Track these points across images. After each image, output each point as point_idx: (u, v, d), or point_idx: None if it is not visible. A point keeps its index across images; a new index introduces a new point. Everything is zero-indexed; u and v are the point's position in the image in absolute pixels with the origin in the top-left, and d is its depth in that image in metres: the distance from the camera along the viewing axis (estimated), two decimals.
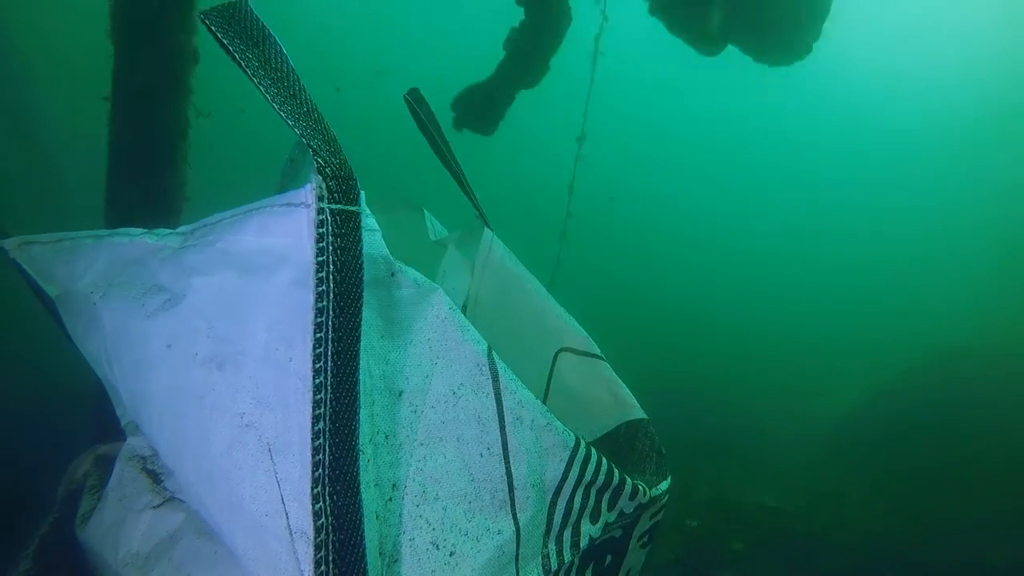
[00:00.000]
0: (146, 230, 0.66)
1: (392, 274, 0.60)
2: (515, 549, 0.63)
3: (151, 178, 2.34)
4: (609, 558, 0.78)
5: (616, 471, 0.72)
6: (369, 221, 0.56)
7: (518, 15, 3.60)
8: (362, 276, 0.53)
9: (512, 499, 0.63)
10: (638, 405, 0.94)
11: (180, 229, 0.64)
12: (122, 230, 0.67)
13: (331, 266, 0.51)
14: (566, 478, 0.67)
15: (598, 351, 0.96)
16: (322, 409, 0.50)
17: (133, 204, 2.30)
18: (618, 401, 0.95)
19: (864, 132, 20.10)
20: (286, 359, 0.53)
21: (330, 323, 0.50)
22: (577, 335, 0.96)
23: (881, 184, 20.06)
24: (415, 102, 0.93)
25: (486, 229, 0.99)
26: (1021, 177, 16.87)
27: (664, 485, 0.83)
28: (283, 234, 0.55)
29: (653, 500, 0.79)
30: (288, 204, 0.54)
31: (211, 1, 0.51)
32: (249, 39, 0.51)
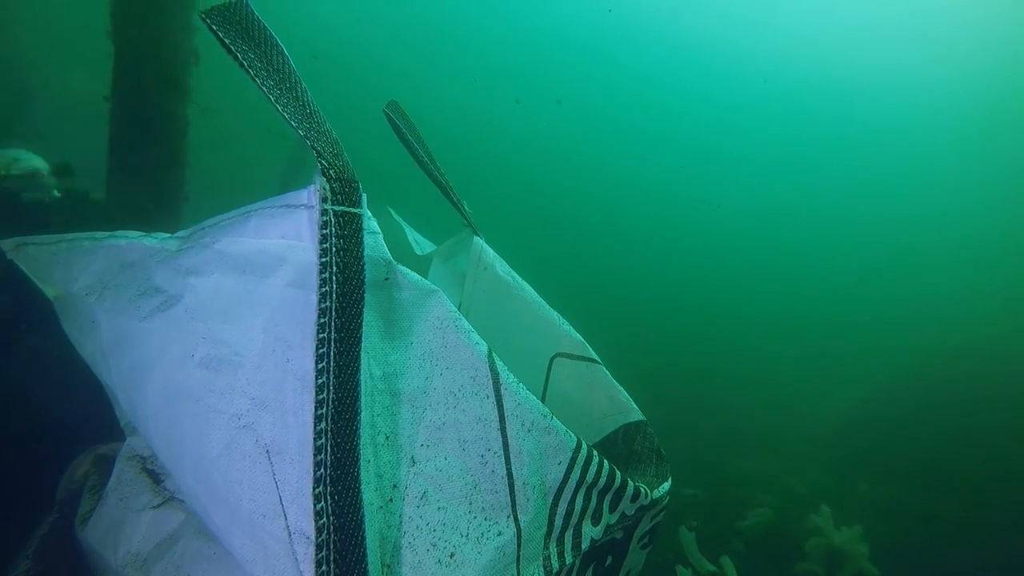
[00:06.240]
0: (144, 233, 0.66)
1: (393, 276, 0.60)
2: (516, 550, 0.63)
3: (151, 178, 2.34)
4: (610, 559, 0.78)
5: (618, 473, 0.72)
6: (371, 223, 0.56)
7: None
8: (364, 277, 0.53)
9: (513, 500, 0.62)
10: (636, 408, 0.94)
11: (179, 233, 0.64)
12: (120, 233, 0.67)
13: (334, 267, 0.51)
14: (567, 480, 0.67)
15: (594, 355, 0.95)
16: (324, 409, 0.50)
17: (133, 204, 2.30)
18: (616, 404, 0.94)
19: (867, 131, 20.10)
20: (284, 360, 0.53)
21: (333, 324, 0.50)
22: (572, 340, 0.96)
23: (883, 183, 20.05)
24: (394, 115, 0.91)
25: (475, 237, 0.98)
26: (1022, 177, 16.87)
27: (665, 487, 0.83)
28: (281, 236, 0.54)
29: (654, 502, 0.79)
30: (286, 206, 0.54)
31: (212, 0, 0.51)
32: (251, 39, 0.50)
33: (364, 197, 0.53)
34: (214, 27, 0.49)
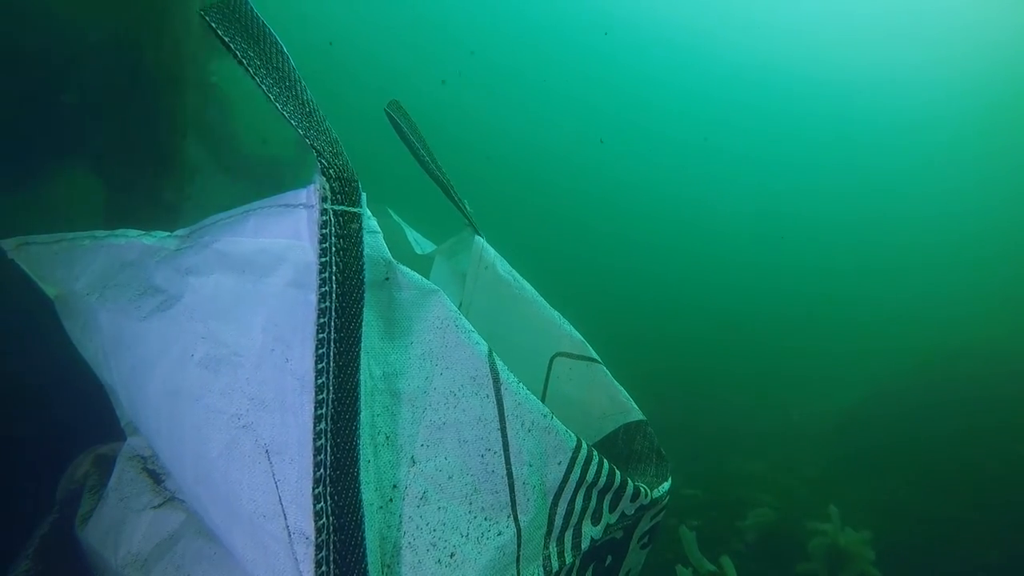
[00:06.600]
0: (143, 232, 0.66)
1: (393, 276, 0.60)
2: (516, 550, 0.63)
3: (151, 179, 2.34)
4: (609, 559, 0.78)
5: (617, 473, 0.72)
6: (371, 223, 0.56)
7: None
8: (364, 277, 0.53)
9: (513, 500, 0.62)
10: (636, 407, 0.94)
11: (178, 232, 0.64)
12: (120, 231, 0.67)
13: (334, 267, 0.51)
14: (567, 480, 0.67)
15: (594, 355, 0.95)
16: (324, 409, 0.50)
17: (132, 204, 2.30)
18: (616, 404, 0.94)
19: (866, 131, 20.11)
20: (283, 360, 0.53)
21: (332, 324, 0.50)
22: (572, 339, 0.96)
23: (883, 182, 20.06)
24: (395, 115, 0.92)
25: (476, 236, 0.99)
26: (1022, 177, 16.89)
27: (665, 486, 0.83)
28: (280, 235, 0.55)
29: (654, 502, 0.79)
30: (285, 205, 0.54)
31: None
32: (250, 37, 0.50)
33: (364, 196, 0.53)
34: (213, 24, 0.49)
